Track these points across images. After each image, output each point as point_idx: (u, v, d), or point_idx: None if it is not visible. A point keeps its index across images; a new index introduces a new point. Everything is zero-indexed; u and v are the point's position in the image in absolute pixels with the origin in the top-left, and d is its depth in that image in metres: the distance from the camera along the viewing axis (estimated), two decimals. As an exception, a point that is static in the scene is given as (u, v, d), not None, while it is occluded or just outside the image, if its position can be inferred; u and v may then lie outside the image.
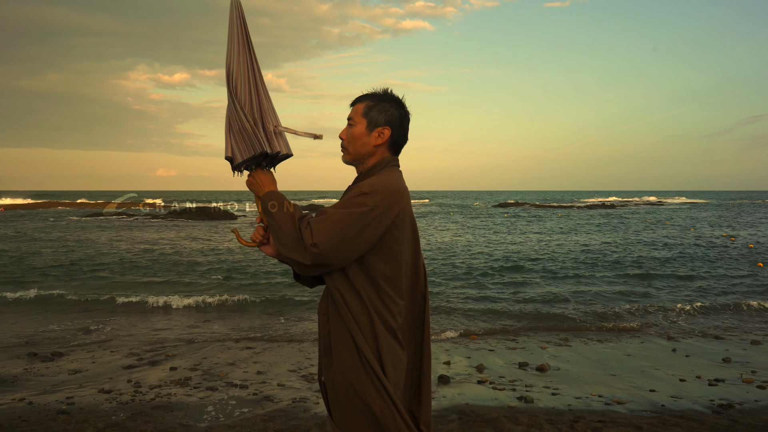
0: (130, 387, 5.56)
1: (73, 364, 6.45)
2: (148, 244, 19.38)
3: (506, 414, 4.60)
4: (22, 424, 4.41)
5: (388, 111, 2.01)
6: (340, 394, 1.89)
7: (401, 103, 2.06)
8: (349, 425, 1.87)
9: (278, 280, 12.19)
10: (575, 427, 4.28)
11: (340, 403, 1.90)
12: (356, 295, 1.89)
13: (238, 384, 5.66)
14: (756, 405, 4.98)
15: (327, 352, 1.95)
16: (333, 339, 1.92)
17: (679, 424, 4.35)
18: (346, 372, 1.87)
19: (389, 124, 2.01)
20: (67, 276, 12.86)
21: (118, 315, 9.21)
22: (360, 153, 2.03)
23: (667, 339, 7.67)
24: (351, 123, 2.05)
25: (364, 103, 2.03)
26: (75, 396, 5.24)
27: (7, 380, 5.77)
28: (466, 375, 6.00)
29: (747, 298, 10.54)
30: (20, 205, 50.78)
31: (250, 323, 8.68)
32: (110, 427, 4.35)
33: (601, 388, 5.54)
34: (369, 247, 1.88)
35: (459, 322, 8.67)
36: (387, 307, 1.90)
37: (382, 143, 2.02)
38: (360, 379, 1.84)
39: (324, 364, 1.98)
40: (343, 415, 1.89)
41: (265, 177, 2.06)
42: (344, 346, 1.88)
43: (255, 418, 4.56)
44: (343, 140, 2.08)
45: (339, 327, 1.90)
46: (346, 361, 1.87)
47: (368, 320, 1.88)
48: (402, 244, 1.94)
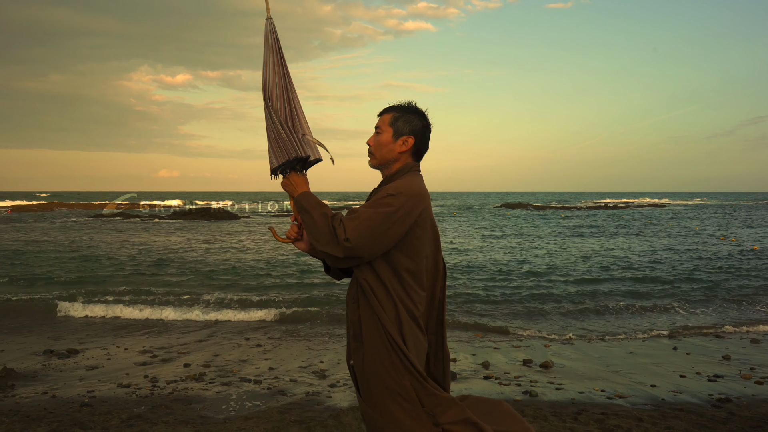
0: (148, 382, 5.76)
1: (89, 360, 6.64)
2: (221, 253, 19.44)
3: (513, 407, 4.78)
4: (49, 415, 4.60)
5: (412, 122, 2.21)
6: (370, 375, 2.08)
7: (424, 115, 2.26)
8: (379, 403, 2.06)
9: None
10: (578, 418, 4.46)
11: (369, 384, 2.09)
12: (382, 286, 2.09)
13: (252, 379, 5.85)
14: (753, 399, 5.15)
15: (357, 337, 2.15)
16: (363, 324, 2.12)
17: (678, 416, 4.53)
18: (376, 353, 2.06)
19: (413, 134, 2.21)
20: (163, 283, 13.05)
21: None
22: (386, 158, 2.23)
23: (669, 338, 7.85)
24: (378, 131, 2.25)
25: (391, 113, 2.23)
26: (96, 390, 5.44)
27: (28, 375, 5.96)
28: (472, 371, 6.18)
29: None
30: (27, 207, 50.99)
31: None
32: (133, 418, 4.54)
33: (604, 384, 5.72)
34: (395, 243, 2.08)
35: (466, 320, 8.84)
36: (410, 297, 2.10)
37: (406, 150, 2.22)
38: (391, 359, 2.04)
39: (354, 348, 2.17)
40: (373, 394, 2.08)
41: (299, 179, 2.27)
42: (373, 330, 2.08)
43: (271, 411, 4.75)
44: (370, 146, 2.27)
45: (368, 314, 2.11)
46: (375, 343, 2.07)
47: (393, 308, 2.08)
48: (423, 240, 2.14)
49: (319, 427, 4.24)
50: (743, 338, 7.81)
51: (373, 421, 2.09)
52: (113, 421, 4.47)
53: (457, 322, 8.74)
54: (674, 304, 10.02)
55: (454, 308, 9.67)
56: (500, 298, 10.64)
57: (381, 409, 2.06)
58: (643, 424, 4.30)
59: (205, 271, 13.75)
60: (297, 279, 12.67)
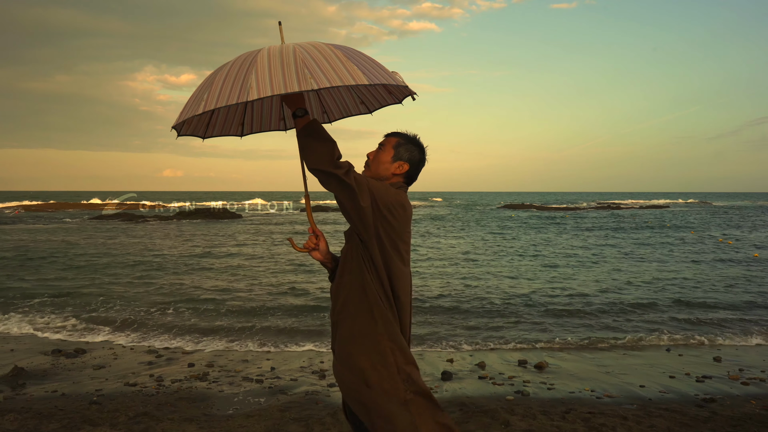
0: (153, 381, 5.97)
1: (96, 360, 6.85)
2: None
3: (503, 406, 4.98)
4: (59, 413, 4.81)
5: (412, 152, 2.46)
6: (352, 336, 2.30)
7: (424, 150, 2.50)
8: (354, 362, 2.28)
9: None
10: (566, 417, 4.64)
11: (348, 345, 2.31)
12: (369, 259, 2.31)
13: (254, 379, 6.05)
14: (737, 399, 5.33)
15: (345, 304, 2.34)
16: (350, 291, 2.31)
17: (662, 415, 4.72)
18: (359, 318, 2.29)
19: (410, 162, 2.45)
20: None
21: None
22: (379, 174, 2.43)
23: (663, 341, 8.02)
24: (381, 148, 2.47)
25: (397, 138, 2.47)
26: (104, 389, 5.65)
27: (38, 374, 6.18)
28: (468, 372, 6.37)
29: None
30: (36, 207, 51.34)
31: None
32: (140, 415, 4.75)
33: (594, 384, 5.91)
34: (374, 216, 2.25)
35: (466, 321, 9.03)
36: (393, 272, 2.32)
37: (400, 174, 2.45)
38: (375, 323, 2.27)
39: (340, 317, 2.37)
40: (351, 356, 2.30)
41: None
42: (360, 297, 2.29)
43: (271, 408, 4.96)
44: (369, 158, 2.48)
45: (356, 281, 2.30)
46: (359, 309, 2.29)
47: (378, 281, 2.30)
48: (404, 227, 2.35)
49: (317, 425, 4.44)
50: (735, 342, 7.97)
51: (346, 381, 2.29)
52: (121, 418, 4.68)
53: (460, 321, 8.92)
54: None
55: (461, 310, 9.85)
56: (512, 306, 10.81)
57: (353, 367, 2.26)
58: (628, 423, 4.48)
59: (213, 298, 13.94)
60: (304, 279, 12.89)
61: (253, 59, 2.19)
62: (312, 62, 2.12)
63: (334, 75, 2.08)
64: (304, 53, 2.16)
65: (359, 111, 2.94)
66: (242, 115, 2.87)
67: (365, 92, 2.80)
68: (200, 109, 2.17)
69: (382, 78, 2.22)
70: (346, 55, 2.19)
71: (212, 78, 2.28)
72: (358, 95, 2.85)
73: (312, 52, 2.17)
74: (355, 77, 2.10)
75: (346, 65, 2.13)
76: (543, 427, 4.36)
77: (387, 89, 2.69)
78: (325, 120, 3.01)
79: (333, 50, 2.21)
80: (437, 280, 13.03)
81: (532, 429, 4.32)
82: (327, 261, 2.48)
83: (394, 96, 2.72)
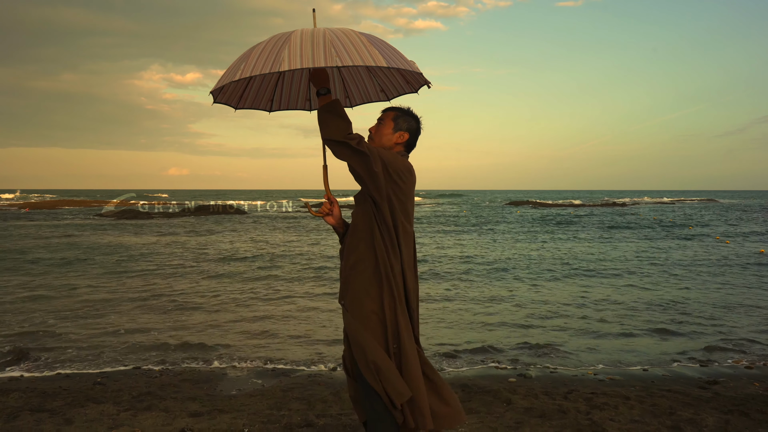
0: (157, 363, 6.00)
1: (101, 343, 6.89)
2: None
3: (506, 387, 4.98)
4: (63, 392, 4.84)
5: (409, 122, 2.73)
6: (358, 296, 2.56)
7: (419, 120, 2.78)
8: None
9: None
10: (568, 397, 4.64)
11: (357, 302, 2.55)
12: (384, 222, 2.55)
13: (258, 361, 6.08)
14: (740, 382, 5.32)
15: (356, 266, 2.57)
16: (362, 254, 2.55)
17: (665, 395, 4.70)
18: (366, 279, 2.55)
19: (409, 131, 2.73)
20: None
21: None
22: (383, 144, 2.70)
23: (666, 329, 7.99)
24: (380, 122, 2.73)
25: (394, 112, 2.74)
26: (107, 370, 5.69)
27: (41, 356, 6.22)
28: (471, 354, 6.38)
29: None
30: (42, 204, 51.51)
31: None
32: (143, 395, 4.77)
33: (599, 367, 5.91)
34: (385, 182, 2.49)
35: (470, 308, 9.03)
36: (398, 238, 2.56)
37: (401, 142, 2.72)
38: (380, 284, 2.52)
39: (350, 275, 2.59)
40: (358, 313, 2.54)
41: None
42: (370, 259, 2.54)
43: (274, 389, 4.98)
44: (371, 132, 2.74)
45: (367, 246, 2.54)
46: (369, 272, 2.54)
47: (390, 244, 2.54)
48: (408, 197, 2.61)
49: (319, 403, 4.45)
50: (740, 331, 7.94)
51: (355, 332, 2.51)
52: (124, 396, 4.71)
53: (465, 307, 8.92)
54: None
55: (465, 298, 9.84)
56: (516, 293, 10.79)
57: (362, 316, 2.51)
58: (630, 402, 4.48)
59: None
60: (313, 272, 12.93)
61: (287, 38, 2.47)
62: (339, 43, 2.41)
63: (357, 56, 2.37)
64: (333, 36, 2.45)
65: (378, 98, 3.20)
66: (272, 91, 3.15)
67: (385, 80, 3.07)
68: (237, 76, 2.43)
69: (400, 63, 2.50)
70: (370, 41, 2.49)
71: (249, 52, 2.54)
72: (379, 83, 3.12)
73: (340, 36, 2.46)
74: (376, 60, 2.38)
75: (368, 49, 2.43)
76: (545, 405, 4.35)
77: (405, 79, 2.95)
78: (346, 104, 3.27)
79: (359, 36, 2.51)
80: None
81: (533, 407, 4.32)
82: (339, 226, 2.75)
83: (411, 85, 3.00)
